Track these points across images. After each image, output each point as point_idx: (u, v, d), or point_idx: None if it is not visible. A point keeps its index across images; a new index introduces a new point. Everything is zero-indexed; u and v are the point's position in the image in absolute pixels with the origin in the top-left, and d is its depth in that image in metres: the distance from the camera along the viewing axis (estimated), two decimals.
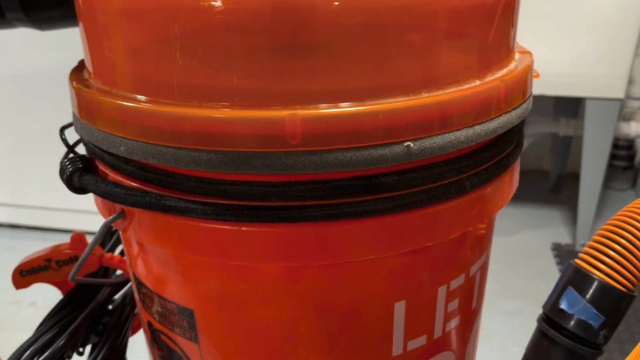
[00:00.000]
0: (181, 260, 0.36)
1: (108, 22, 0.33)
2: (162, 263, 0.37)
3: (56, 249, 0.51)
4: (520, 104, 0.36)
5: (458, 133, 0.32)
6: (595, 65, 1.48)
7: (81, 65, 0.40)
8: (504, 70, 0.36)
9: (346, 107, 0.30)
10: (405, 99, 0.31)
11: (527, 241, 1.76)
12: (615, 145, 1.99)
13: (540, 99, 1.47)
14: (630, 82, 1.66)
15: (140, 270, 0.40)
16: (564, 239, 1.79)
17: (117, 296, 0.55)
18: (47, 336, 0.46)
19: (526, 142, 1.70)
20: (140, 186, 0.34)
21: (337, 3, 0.30)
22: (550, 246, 1.75)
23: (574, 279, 0.50)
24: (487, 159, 0.35)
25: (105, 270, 0.53)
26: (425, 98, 0.31)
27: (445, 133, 0.32)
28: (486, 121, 0.33)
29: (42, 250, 0.52)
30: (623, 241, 0.49)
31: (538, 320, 0.46)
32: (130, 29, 0.32)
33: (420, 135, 0.31)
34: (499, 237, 1.63)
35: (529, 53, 0.41)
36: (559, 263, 1.67)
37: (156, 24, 0.31)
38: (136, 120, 0.31)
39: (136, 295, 0.43)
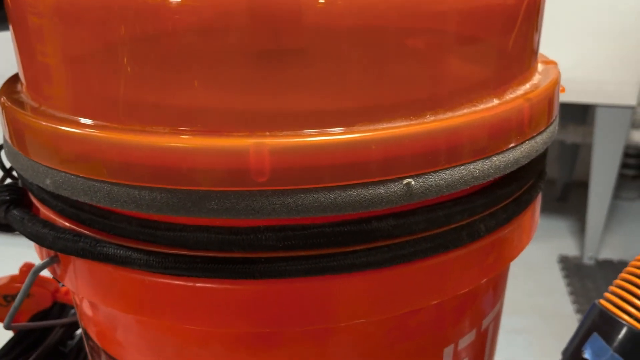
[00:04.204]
0: (130, 317, 0.29)
1: (38, 23, 0.27)
2: (108, 317, 0.31)
3: (4, 282, 0.45)
4: (547, 128, 0.29)
5: (471, 166, 0.25)
6: (607, 71, 1.41)
7: (17, 76, 0.33)
8: (527, 86, 0.29)
9: (328, 135, 0.23)
10: (405, 123, 0.24)
11: (532, 253, 1.69)
12: (625, 153, 1.92)
13: None
14: None
15: (86, 321, 0.33)
16: (571, 250, 1.72)
17: (77, 333, 0.48)
18: None
19: None
20: (74, 227, 0.27)
21: (323, 1, 0.23)
22: (556, 258, 1.68)
23: (599, 323, 0.44)
24: (506, 196, 0.28)
25: (61, 307, 0.46)
26: (431, 123, 0.24)
27: (455, 167, 0.25)
28: (506, 150, 0.26)
29: None
30: None
31: None
32: (64, 31, 0.26)
33: (423, 169, 0.24)
34: None
35: (554, 63, 0.34)
36: (566, 276, 1.60)
37: (96, 23, 0.25)
38: (62, 148, 0.25)
39: (85, 346, 0.37)
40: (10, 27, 0.29)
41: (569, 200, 1.99)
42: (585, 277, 1.59)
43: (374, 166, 0.23)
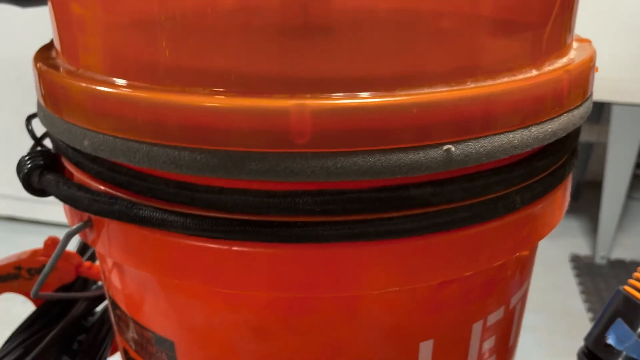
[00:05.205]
0: (160, 282, 0.29)
1: None
2: (138, 283, 0.31)
3: (27, 255, 0.45)
4: (583, 102, 0.29)
5: (511, 135, 0.25)
6: (623, 68, 1.40)
7: (51, 43, 0.33)
8: (564, 60, 0.29)
9: (370, 98, 0.23)
10: (446, 89, 0.24)
11: (543, 251, 1.68)
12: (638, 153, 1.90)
13: None
14: None
15: (114, 288, 0.33)
16: (583, 249, 1.71)
17: (98, 309, 0.48)
18: (11, 357, 0.40)
19: None
20: (109, 190, 0.27)
21: None
22: (568, 257, 1.67)
23: (623, 309, 0.43)
24: (542, 169, 0.28)
25: (84, 282, 0.46)
26: (472, 89, 0.24)
27: (495, 135, 0.25)
28: (545, 121, 0.26)
29: (12, 257, 0.45)
30: None
31: (578, 355, 0.39)
32: None
33: (463, 136, 0.24)
34: None
35: (588, 41, 0.34)
36: (577, 275, 1.59)
37: None
38: (102, 108, 0.25)
39: (111, 317, 0.37)
40: None
41: (582, 199, 1.98)
42: (597, 277, 1.58)
43: (414, 131, 0.23)
